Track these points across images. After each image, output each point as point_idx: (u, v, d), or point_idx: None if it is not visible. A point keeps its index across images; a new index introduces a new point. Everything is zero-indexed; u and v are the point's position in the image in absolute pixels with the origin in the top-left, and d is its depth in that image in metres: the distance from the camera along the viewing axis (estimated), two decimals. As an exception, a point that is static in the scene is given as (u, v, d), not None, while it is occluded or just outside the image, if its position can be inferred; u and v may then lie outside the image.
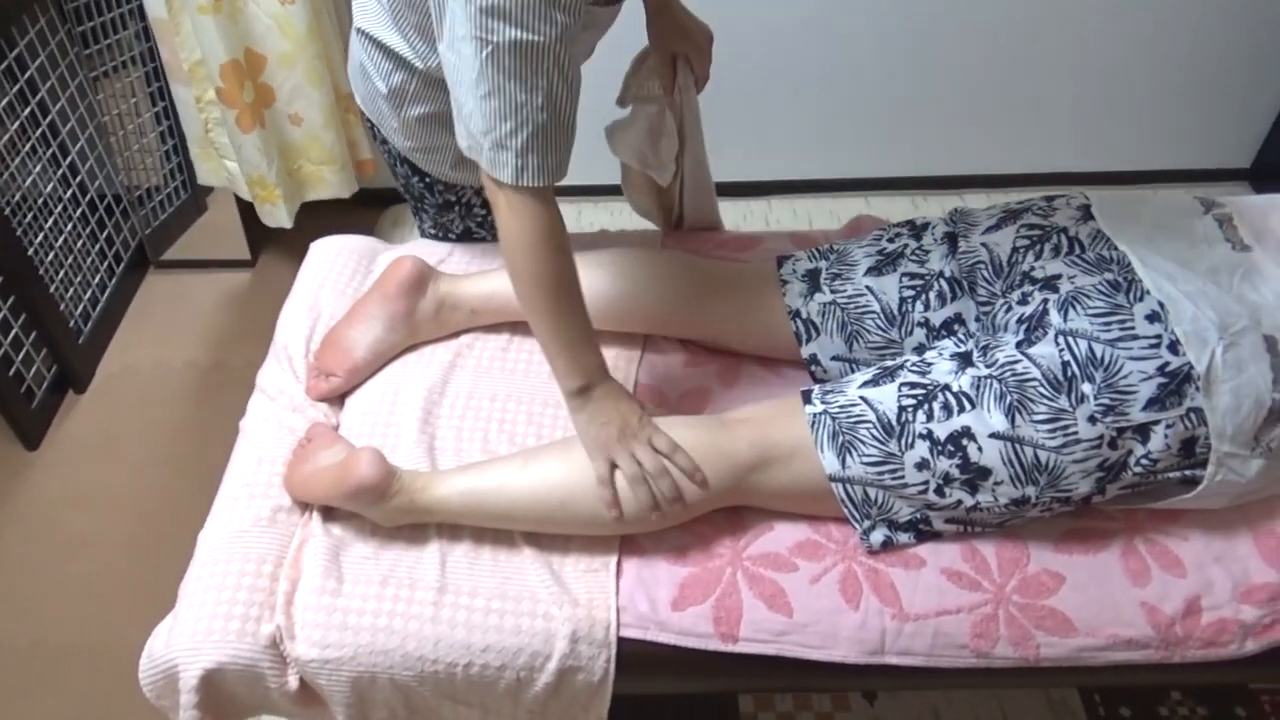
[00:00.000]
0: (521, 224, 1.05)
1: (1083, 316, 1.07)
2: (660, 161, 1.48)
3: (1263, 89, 2.49)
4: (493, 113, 0.99)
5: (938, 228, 1.29)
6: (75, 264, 2.23)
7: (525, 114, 0.99)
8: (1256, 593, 1.09)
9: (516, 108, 0.99)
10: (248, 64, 2.08)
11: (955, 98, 2.47)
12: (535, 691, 1.08)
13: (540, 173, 1.02)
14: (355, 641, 1.06)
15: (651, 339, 1.37)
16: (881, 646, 1.08)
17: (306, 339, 1.37)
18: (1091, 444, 1.05)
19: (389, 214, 2.61)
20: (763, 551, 1.14)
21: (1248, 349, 1.06)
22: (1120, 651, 1.08)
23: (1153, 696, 1.61)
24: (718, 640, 1.08)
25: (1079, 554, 1.13)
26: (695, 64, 1.45)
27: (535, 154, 1.01)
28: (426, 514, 1.13)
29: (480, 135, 1.02)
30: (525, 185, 1.02)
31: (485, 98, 0.99)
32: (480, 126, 1.01)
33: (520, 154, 1.01)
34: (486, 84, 0.98)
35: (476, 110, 1.01)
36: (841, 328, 1.26)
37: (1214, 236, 1.20)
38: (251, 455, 1.24)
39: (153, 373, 2.23)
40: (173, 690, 1.08)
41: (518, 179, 1.02)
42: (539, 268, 1.06)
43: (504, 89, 0.98)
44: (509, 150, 1.01)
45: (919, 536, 1.13)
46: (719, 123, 1.67)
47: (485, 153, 1.02)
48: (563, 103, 1.01)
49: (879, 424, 1.09)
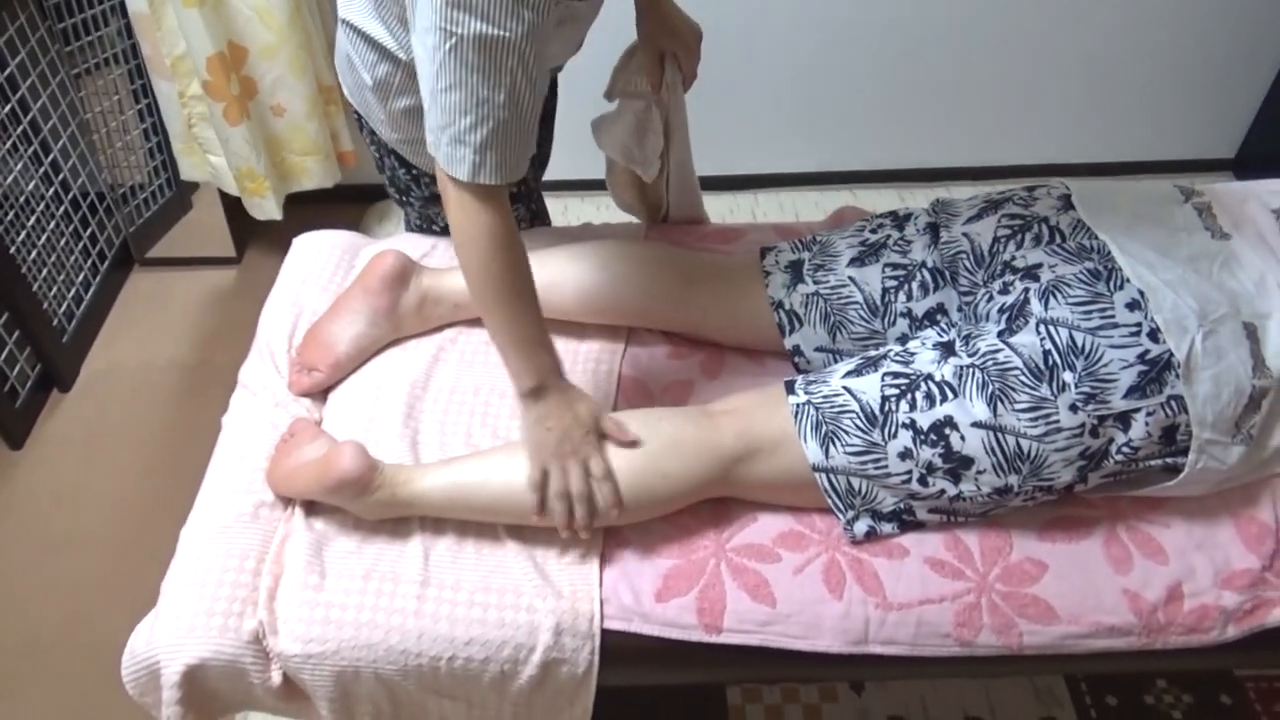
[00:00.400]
0: (473, 221, 1.04)
1: (1063, 305, 1.07)
2: (645, 158, 1.48)
3: (1246, 79, 2.50)
4: (453, 107, 0.98)
5: (920, 218, 1.29)
6: (58, 262, 2.22)
7: (486, 110, 0.98)
8: (1238, 579, 1.10)
9: (478, 103, 0.97)
10: (231, 56, 2.08)
11: (941, 90, 2.48)
12: (520, 684, 1.08)
13: (498, 171, 1.01)
14: (338, 636, 1.06)
15: (635, 331, 1.37)
16: (865, 636, 1.08)
17: (289, 334, 1.37)
18: (1073, 432, 1.05)
19: (375, 209, 2.61)
20: (746, 542, 1.14)
21: (1227, 336, 1.07)
22: (1103, 639, 1.08)
23: (1139, 685, 1.61)
24: (701, 631, 1.08)
25: (1062, 542, 1.13)
26: (683, 62, 1.44)
27: (494, 151, 1.00)
28: (409, 507, 1.13)
29: (439, 130, 1.01)
30: (481, 183, 1.01)
31: (446, 91, 0.98)
32: (439, 120, 1.00)
33: (479, 150, 1.00)
34: (448, 77, 0.97)
35: (435, 104, 0.99)
36: (824, 318, 1.26)
37: (1193, 225, 1.21)
38: (234, 451, 1.24)
39: (137, 371, 2.22)
40: (155, 686, 1.08)
41: (474, 175, 1.01)
42: (490, 266, 1.06)
43: (466, 83, 0.97)
44: (467, 146, 1.00)
45: (902, 526, 1.13)
46: (706, 116, 1.67)
47: (443, 148, 1.01)
48: (525, 102, 1.00)
49: (862, 414, 1.09)
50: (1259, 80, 2.50)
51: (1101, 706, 1.59)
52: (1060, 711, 1.58)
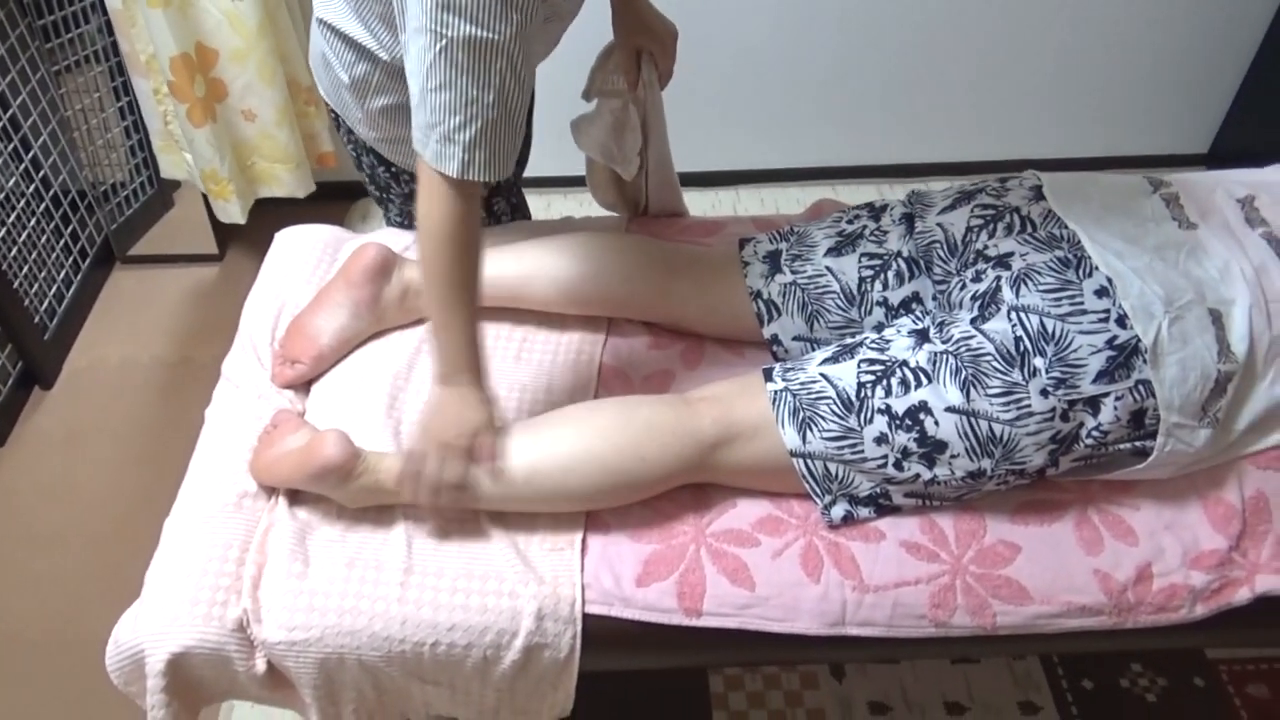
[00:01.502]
0: (443, 213, 1.05)
1: (1034, 292, 1.10)
2: (624, 156, 1.49)
3: (1219, 74, 2.53)
4: (443, 106, 1.00)
5: (895, 209, 1.31)
6: (39, 260, 2.21)
7: (475, 110, 1.00)
8: (1205, 559, 1.12)
9: (467, 103, 0.99)
10: (199, 58, 2.07)
11: (918, 88, 2.51)
12: (503, 669, 1.09)
13: (487, 168, 1.03)
14: (322, 623, 1.07)
15: (615, 322, 1.39)
16: (842, 618, 1.10)
17: (272, 327, 1.38)
18: (1044, 416, 1.07)
19: (358, 207, 2.61)
20: (725, 528, 1.15)
21: (1193, 322, 1.09)
22: (1075, 618, 1.11)
23: (1114, 668, 1.64)
24: (681, 615, 1.10)
25: (1034, 525, 1.15)
26: (659, 60, 1.46)
27: (483, 149, 1.02)
28: (392, 494, 1.14)
29: (427, 128, 1.02)
30: (469, 179, 1.03)
31: (436, 91, 0.99)
32: (428, 119, 1.02)
33: (468, 148, 1.01)
34: (438, 78, 0.99)
35: (425, 103, 1.01)
36: (802, 308, 1.28)
37: (1161, 215, 1.23)
38: (217, 442, 1.24)
39: (120, 368, 2.22)
40: (140, 676, 1.09)
41: (464, 172, 1.02)
42: (444, 254, 1.07)
43: (456, 84, 0.98)
44: (456, 144, 1.01)
45: (879, 510, 1.15)
46: (687, 113, 1.69)
47: (432, 145, 1.03)
48: (514, 100, 1.02)
49: (839, 400, 1.11)
50: (1231, 75, 2.54)
51: (1077, 690, 1.61)
52: (1037, 695, 1.61)
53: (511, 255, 1.36)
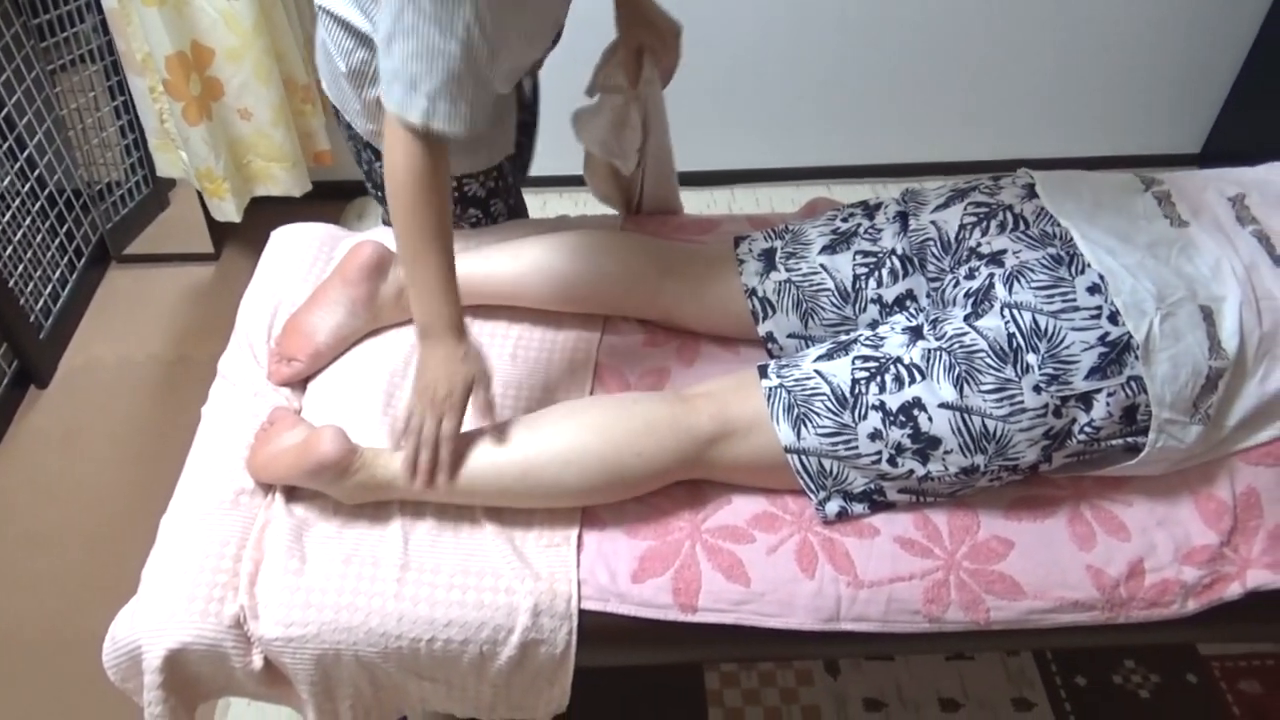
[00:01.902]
0: (409, 166, 1.06)
1: (1027, 290, 1.10)
2: (623, 151, 1.50)
3: (1211, 75, 2.55)
4: (409, 55, 1.01)
5: (890, 207, 1.32)
6: (35, 258, 2.21)
7: (440, 61, 1.01)
8: (1197, 554, 1.13)
9: (432, 52, 1.00)
10: (195, 57, 2.07)
11: (913, 88, 2.52)
12: (499, 665, 1.09)
13: (450, 119, 1.04)
14: (319, 619, 1.07)
15: (611, 320, 1.39)
16: (837, 614, 1.11)
17: (268, 325, 1.38)
18: (1037, 413, 1.08)
19: (353, 206, 2.61)
20: (721, 524, 1.16)
21: (1184, 319, 1.10)
22: (1067, 613, 1.11)
23: (1107, 664, 1.65)
24: (677, 610, 1.10)
25: (1027, 521, 1.16)
26: (661, 56, 1.46)
27: (445, 100, 1.03)
28: (388, 490, 1.14)
29: (392, 75, 1.03)
30: (434, 128, 1.04)
31: (403, 36, 1.01)
32: (392, 65, 1.03)
33: (431, 98, 1.03)
34: (405, 22, 1.00)
35: (391, 49, 1.02)
36: (797, 305, 1.29)
37: (1153, 213, 1.24)
38: (214, 440, 1.24)
39: (115, 367, 2.22)
40: (137, 672, 1.09)
41: (427, 119, 1.03)
42: (416, 214, 1.08)
43: (420, 30, 1.00)
44: (419, 93, 1.02)
45: (873, 507, 1.16)
46: (683, 112, 1.69)
47: (396, 94, 1.04)
48: (480, 58, 1.03)
49: (833, 396, 1.12)
50: (1224, 75, 2.55)
51: (1071, 686, 1.62)
52: (1031, 691, 1.61)
53: (507, 253, 1.36)
